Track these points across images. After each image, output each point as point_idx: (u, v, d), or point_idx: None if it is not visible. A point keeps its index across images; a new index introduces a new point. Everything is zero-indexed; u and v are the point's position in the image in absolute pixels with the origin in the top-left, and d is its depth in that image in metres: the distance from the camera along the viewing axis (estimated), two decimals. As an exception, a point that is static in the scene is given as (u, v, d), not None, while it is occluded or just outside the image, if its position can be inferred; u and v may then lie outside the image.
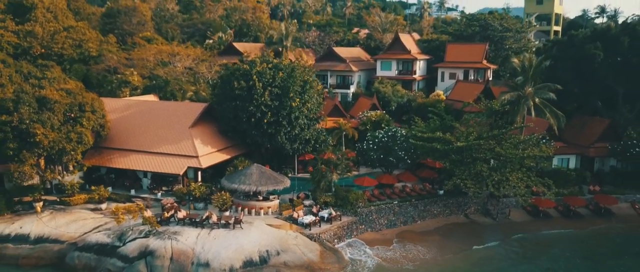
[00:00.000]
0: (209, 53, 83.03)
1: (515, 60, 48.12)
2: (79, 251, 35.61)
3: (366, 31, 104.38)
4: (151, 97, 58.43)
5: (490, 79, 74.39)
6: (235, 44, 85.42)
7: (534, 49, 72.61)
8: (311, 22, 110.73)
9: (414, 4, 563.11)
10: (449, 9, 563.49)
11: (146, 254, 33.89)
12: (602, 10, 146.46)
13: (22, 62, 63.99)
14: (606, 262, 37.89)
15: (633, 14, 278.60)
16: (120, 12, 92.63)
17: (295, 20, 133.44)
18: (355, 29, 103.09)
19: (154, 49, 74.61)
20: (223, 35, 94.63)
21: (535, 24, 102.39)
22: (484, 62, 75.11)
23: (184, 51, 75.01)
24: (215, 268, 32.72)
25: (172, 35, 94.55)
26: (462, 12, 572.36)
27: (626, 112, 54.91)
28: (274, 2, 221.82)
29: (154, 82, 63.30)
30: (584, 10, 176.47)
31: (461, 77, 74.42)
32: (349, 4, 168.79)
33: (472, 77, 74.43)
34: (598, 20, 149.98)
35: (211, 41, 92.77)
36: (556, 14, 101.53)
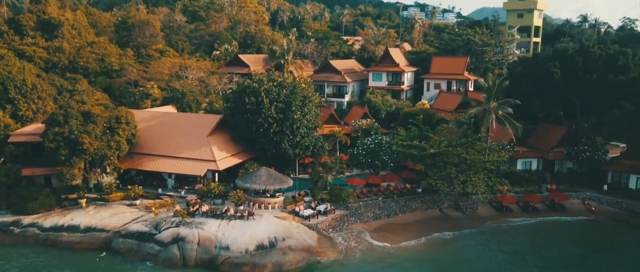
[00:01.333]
0: (217, 64, 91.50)
1: (481, 80, 56.63)
2: (122, 238, 44.06)
3: (361, 41, 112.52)
4: (170, 108, 66.76)
5: (472, 89, 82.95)
6: (241, 56, 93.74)
7: (507, 64, 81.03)
8: (310, 34, 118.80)
9: (411, 6, 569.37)
10: (445, 10, 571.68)
11: (178, 239, 42.36)
12: (584, 19, 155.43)
13: (54, 76, 72.53)
14: (549, 246, 46.37)
15: (624, 17, 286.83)
16: (135, 26, 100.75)
17: (295, 29, 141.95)
18: (350, 41, 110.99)
19: (168, 62, 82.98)
20: (229, 47, 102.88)
21: (517, 36, 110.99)
22: (466, 73, 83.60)
23: (196, 64, 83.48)
24: (234, 251, 41.17)
25: (182, 47, 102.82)
26: (459, 13, 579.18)
27: (583, 121, 63.55)
28: (274, 7, 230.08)
29: (171, 94, 71.65)
30: (567, 20, 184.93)
31: (444, 87, 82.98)
32: (345, 12, 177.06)
33: (455, 88, 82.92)
34: (581, 27, 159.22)
35: (218, 52, 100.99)
36: (536, 27, 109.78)
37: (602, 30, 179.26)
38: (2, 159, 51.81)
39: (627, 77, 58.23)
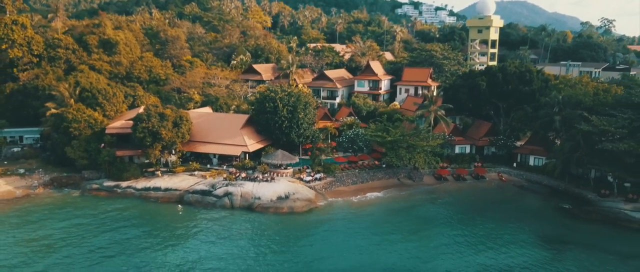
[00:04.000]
0: (235, 72, 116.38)
1: (426, 92, 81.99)
2: (190, 194, 69.20)
3: (350, 51, 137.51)
4: (207, 109, 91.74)
5: (435, 93, 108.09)
6: (254, 66, 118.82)
7: (458, 75, 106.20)
8: (310, 45, 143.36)
9: (405, 3, 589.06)
10: (438, 8, 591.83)
11: (228, 193, 67.54)
12: (543, 28, 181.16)
13: (119, 85, 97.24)
14: (466, 199, 71.66)
15: (602, 17, 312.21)
16: (168, 41, 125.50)
17: (296, 37, 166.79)
18: (341, 52, 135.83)
19: (200, 72, 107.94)
20: (244, 57, 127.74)
21: (478, 47, 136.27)
22: (429, 81, 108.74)
23: (221, 73, 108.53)
24: (263, 199, 66.38)
25: (206, 58, 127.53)
26: (451, 11, 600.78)
27: (504, 118, 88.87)
28: (275, 10, 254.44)
29: (207, 98, 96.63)
30: (529, 28, 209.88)
31: (412, 92, 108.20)
32: (340, 21, 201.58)
33: (420, 93, 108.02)
34: (542, 35, 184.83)
35: (235, 62, 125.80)
36: (492, 40, 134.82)
37: (583, 28, 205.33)
38: (103, 144, 76.97)
39: (531, 88, 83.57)
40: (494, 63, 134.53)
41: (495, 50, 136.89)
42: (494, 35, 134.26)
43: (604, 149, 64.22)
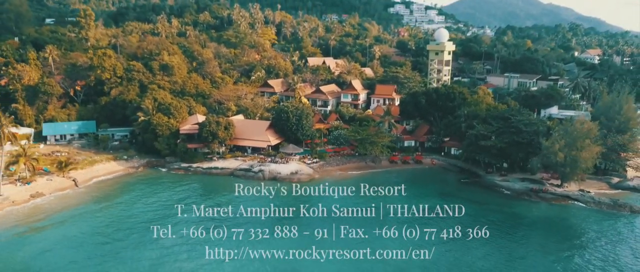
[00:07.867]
0: (254, 86, 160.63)
1: (384, 106, 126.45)
2: (237, 171, 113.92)
3: (339, 69, 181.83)
4: (240, 117, 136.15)
5: (397, 104, 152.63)
6: (269, 81, 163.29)
7: (408, 93, 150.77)
8: (310, 63, 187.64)
9: (397, 2, 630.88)
10: (428, 8, 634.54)
11: (260, 170, 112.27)
12: (494, 45, 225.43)
13: (178, 99, 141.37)
14: (406, 175, 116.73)
15: (571, 23, 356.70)
16: (204, 62, 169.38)
17: (297, 52, 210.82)
18: (332, 68, 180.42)
19: (231, 87, 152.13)
20: (260, 74, 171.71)
21: (437, 66, 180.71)
22: (394, 94, 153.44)
23: (247, 89, 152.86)
24: (282, 174, 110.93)
25: (231, 75, 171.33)
26: (440, 10, 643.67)
27: (440, 122, 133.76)
28: (278, 19, 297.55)
29: (239, 108, 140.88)
30: (488, 44, 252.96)
31: (382, 103, 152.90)
32: (332, 37, 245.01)
33: (387, 104, 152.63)
34: (496, 48, 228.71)
35: (254, 78, 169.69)
36: (446, 60, 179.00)
37: (558, 28, 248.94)
38: (179, 140, 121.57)
39: (453, 103, 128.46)
40: (448, 77, 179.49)
41: (449, 68, 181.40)
42: (447, 57, 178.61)
43: (482, 144, 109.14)
